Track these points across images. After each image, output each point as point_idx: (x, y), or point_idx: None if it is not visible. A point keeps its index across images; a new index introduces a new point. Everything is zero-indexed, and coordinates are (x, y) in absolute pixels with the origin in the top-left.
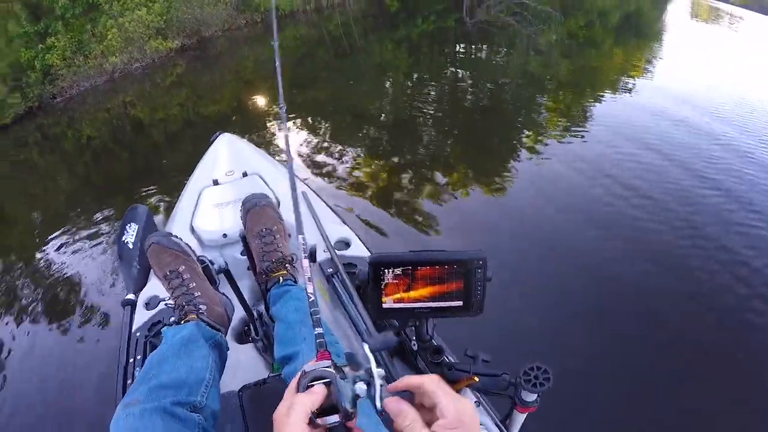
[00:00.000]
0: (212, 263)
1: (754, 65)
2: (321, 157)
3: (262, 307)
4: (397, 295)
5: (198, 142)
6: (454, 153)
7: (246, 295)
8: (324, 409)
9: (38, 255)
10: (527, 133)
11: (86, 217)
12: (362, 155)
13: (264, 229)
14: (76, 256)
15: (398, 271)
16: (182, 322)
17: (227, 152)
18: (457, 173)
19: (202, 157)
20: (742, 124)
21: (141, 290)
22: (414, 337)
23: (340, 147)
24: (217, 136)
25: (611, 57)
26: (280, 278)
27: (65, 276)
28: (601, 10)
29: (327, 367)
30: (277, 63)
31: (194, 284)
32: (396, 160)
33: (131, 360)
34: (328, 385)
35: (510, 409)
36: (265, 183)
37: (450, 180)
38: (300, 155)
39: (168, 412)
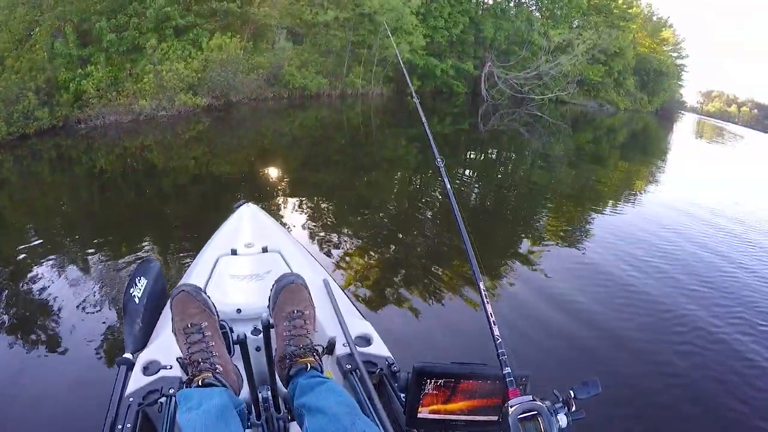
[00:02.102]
0: (232, 330)
1: (754, 180)
2: (325, 243)
3: (268, 393)
4: (434, 407)
5: (204, 199)
6: (455, 252)
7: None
8: None
9: (20, 271)
10: (528, 238)
11: (79, 246)
12: (360, 244)
13: (295, 311)
14: (59, 283)
15: (440, 382)
16: (195, 379)
17: (250, 224)
18: (451, 275)
19: (223, 223)
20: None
21: (140, 351)
22: None
23: (342, 232)
24: (241, 205)
25: (616, 171)
26: (308, 365)
27: (43, 302)
28: (609, 126)
29: (531, 401)
30: (423, 119)
31: (214, 343)
32: (395, 253)
33: (119, 426)
34: (535, 416)
35: None
36: (286, 262)
37: (445, 280)
38: (314, 240)
39: None
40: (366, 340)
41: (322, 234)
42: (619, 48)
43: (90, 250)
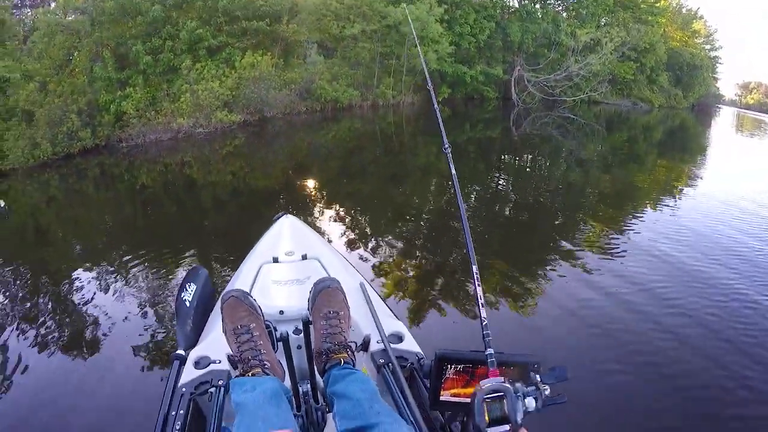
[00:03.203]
0: (275, 329)
1: None
2: (361, 249)
3: (308, 386)
4: (455, 390)
5: (244, 211)
6: (490, 260)
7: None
8: (494, 419)
9: (67, 284)
10: (564, 244)
11: (127, 259)
12: (394, 250)
13: (331, 311)
14: (112, 293)
15: (459, 367)
16: (246, 374)
17: (289, 233)
18: (492, 279)
19: (265, 233)
20: None
21: (192, 348)
22: None
23: (377, 239)
24: (281, 216)
25: (654, 170)
26: (342, 360)
27: (100, 309)
28: (645, 125)
29: (501, 382)
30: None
31: (261, 342)
32: (431, 260)
33: (173, 413)
34: (502, 398)
35: None
36: (324, 268)
37: (487, 285)
38: (349, 248)
39: None
40: (398, 338)
41: (359, 241)
42: (650, 43)
43: (137, 261)
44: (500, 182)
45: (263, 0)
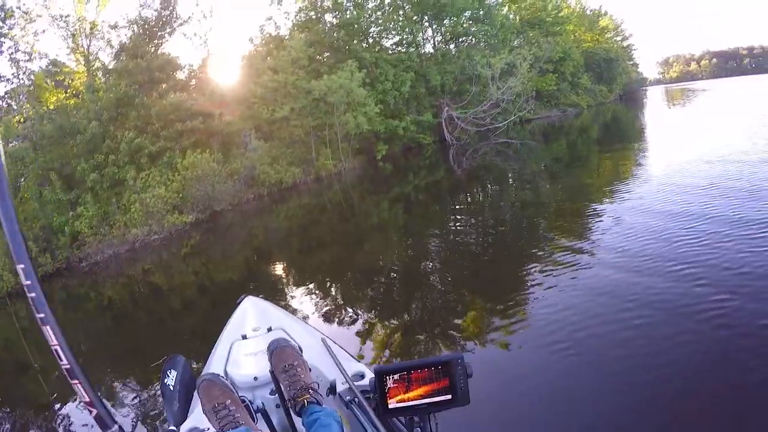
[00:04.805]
0: (251, 402)
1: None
2: (321, 310)
3: None
4: (399, 397)
5: (208, 303)
6: (461, 300)
7: None
8: None
9: (50, 406)
10: (533, 265)
11: (99, 375)
12: (350, 305)
13: (287, 365)
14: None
15: (396, 376)
16: None
17: (253, 311)
18: (469, 321)
19: (231, 316)
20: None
21: (181, 424)
22: None
23: (350, 303)
24: (243, 299)
25: (600, 165)
26: (305, 401)
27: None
28: (579, 127)
29: None
30: None
31: (239, 414)
32: (404, 312)
33: None
34: None
35: None
36: (288, 335)
37: (462, 328)
38: (318, 312)
39: None
40: (360, 376)
41: (319, 304)
42: (563, 52)
43: (111, 376)
44: (457, 219)
45: (193, 100)
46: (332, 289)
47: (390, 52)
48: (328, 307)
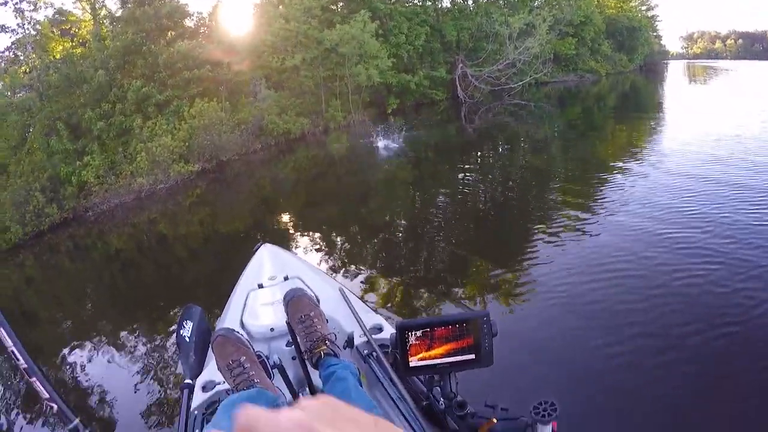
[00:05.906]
0: (267, 358)
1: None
2: (338, 260)
3: (308, 393)
4: (421, 354)
5: (220, 252)
6: (464, 259)
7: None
8: None
9: (65, 362)
10: (539, 228)
11: (111, 326)
12: (367, 256)
13: (303, 315)
14: (97, 364)
15: (419, 333)
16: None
17: (269, 260)
18: (471, 281)
19: (247, 264)
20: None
21: (198, 376)
22: (441, 398)
23: (351, 249)
24: (260, 246)
25: (616, 135)
26: (322, 353)
27: (92, 380)
28: (596, 95)
29: None
30: None
31: (254, 372)
32: (397, 259)
33: None
34: None
35: None
36: (305, 284)
37: (464, 288)
38: (329, 264)
39: None
40: (378, 329)
41: (334, 254)
42: (585, 16)
43: (129, 322)
44: (467, 178)
45: (201, 48)
46: (344, 242)
47: (406, 4)
48: (340, 260)
